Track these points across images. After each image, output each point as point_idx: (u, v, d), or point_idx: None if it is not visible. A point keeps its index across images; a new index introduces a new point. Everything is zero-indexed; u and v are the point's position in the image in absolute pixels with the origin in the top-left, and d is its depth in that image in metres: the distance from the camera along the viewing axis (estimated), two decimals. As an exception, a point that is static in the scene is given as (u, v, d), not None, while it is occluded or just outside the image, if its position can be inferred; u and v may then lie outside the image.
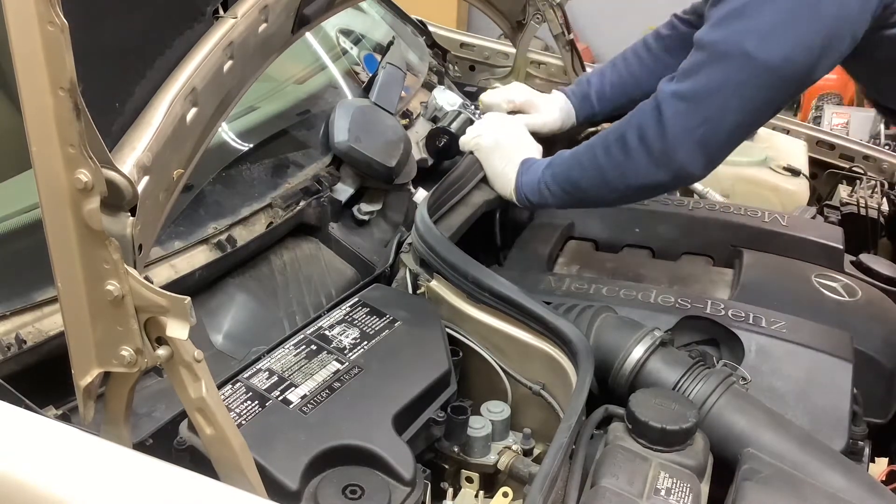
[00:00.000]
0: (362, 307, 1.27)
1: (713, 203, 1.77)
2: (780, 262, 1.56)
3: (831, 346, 1.26)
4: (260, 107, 1.71)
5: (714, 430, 1.09)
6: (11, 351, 1.06)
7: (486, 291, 1.23)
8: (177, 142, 1.03)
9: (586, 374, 1.09)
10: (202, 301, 1.37)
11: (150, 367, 0.81)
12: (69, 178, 0.74)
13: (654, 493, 0.95)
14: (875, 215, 1.91)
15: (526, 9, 2.16)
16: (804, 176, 2.00)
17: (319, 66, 1.92)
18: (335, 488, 0.95)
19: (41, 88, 0.71)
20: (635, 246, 1.68)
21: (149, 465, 0.86)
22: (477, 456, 1.16)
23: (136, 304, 0.78)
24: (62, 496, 0.83)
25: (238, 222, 1.46)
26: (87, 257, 0.77)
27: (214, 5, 1.14)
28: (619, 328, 1.23)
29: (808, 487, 1.00)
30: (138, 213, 0.82)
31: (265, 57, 1.31)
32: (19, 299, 1.11)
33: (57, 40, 0.69)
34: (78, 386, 0.83)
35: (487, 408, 1.21)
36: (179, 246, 1.34)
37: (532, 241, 1.64)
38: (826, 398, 1.20)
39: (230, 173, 1.53)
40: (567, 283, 1.40)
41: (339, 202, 1.62)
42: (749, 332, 1.28)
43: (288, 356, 1.14)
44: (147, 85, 1.01)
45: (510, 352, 1.23)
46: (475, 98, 2.17)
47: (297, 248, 1.57)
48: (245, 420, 1.01)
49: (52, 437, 0.89)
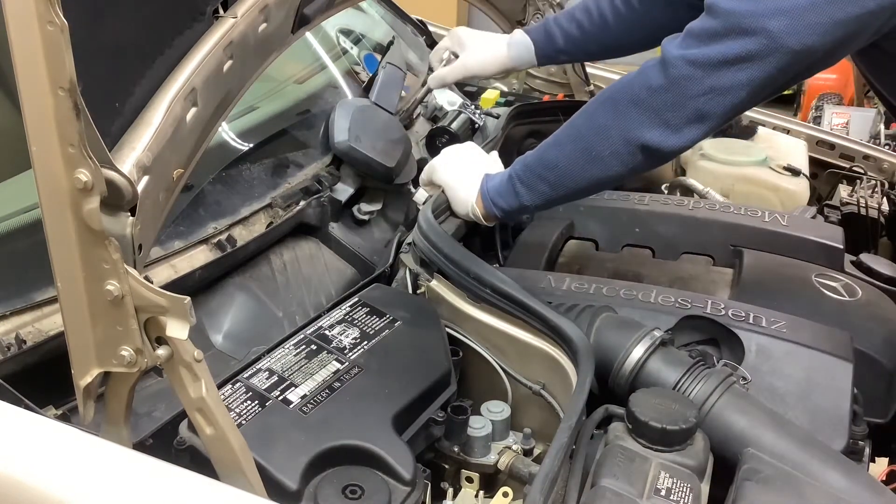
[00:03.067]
0: (362, 307, 1.27)
1: (713, 203, 1.77)
2: (781, 261, 1.55)
3: (831, 346, 1.26)
4: (260, 107, 1.71)
5: (714, 430, 1.09)
6: (11, 351, 1.06)
7: (487, 288, 1.22)
8: (177, 142, 1.03)
9: (586, 374, 1.09)
10: (202, 301, 1.37)
11: (150, 367, 0.81)
12: (69, 178, 0.74)
13: (654, 493, 0.95)
14: (875, 215, 1.91)
15: (526, 8, 2.16)
16: (804, 176, 2.00)
17: (319, 66, 1.92)
18: (335, 488, 0.95)
19: (41, 88, 0.71)
20: (635, 246, 1.67)
21: (149, 465, 0.86)
22: (477, 456, 1.16)
23: (135, 304, 0.78)
24: (62, 496, 0.83)
25: (238, 222, 1.46)
26: (87, 257, 0.77)
27: (214, 5, 1.14)
28: (619, 328, 1.23)
29: (809, 487, 1.00)
30: (138, 213, 0.82)
31: (265, 57, 1.31)
32: (19, 299, 1.11)
33: (57, 40, 0.69)
34: (78, 386, 0.83)
35: (487, 408, 1.21)
36: (179, 246, 1.34)
37: (532, 241, 1.64)
38: (826, 398, 1.20)
39: (230, 173, 1.53)
40: (567, 283, 1.40)
41: (339, 202, 1.62)
42: (749, 331, 1.27)
43: (288, 356, 1.14)
44: (147, 85, 1.01)
45: (510, 352, 1.23)
46: (475, 98, 2.18)
47: (297, 248, 1.57)
48: (245, 420, 1.01)
49: (52, 437, 0.89)
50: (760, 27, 1.11)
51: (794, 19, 1.10)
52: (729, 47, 1.14)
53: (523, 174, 1.32)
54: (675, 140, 1.20)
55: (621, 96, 1.23)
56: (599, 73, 2.33)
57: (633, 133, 1.21)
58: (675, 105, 1.18)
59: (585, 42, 1.64)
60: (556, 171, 1.29)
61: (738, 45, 1.13)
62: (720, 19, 1.14)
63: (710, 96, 1.17)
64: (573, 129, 1.29)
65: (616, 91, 1.25)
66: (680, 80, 1.17)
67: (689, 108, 1.18)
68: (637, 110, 1.20)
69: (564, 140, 1.30)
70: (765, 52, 1.12)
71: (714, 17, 1.15)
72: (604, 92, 1.28)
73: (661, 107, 1.19)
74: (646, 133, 1.20)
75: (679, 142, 1.21)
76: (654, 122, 1.20)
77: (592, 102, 1.29)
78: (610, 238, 1.68)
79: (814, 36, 1.11)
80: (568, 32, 1.63)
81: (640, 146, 1.21)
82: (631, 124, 1.21)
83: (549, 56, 1.68)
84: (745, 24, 1.12)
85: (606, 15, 1.60)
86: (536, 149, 1.34)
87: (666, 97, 1.18)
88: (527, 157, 1.34)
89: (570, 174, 1.28)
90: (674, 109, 1.18)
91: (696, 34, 1.17)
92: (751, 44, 1.12)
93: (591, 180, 1.29)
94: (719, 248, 1.62)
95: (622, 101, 1.23)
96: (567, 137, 1.29)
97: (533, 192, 1.31)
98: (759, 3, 1.11)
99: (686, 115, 1.18)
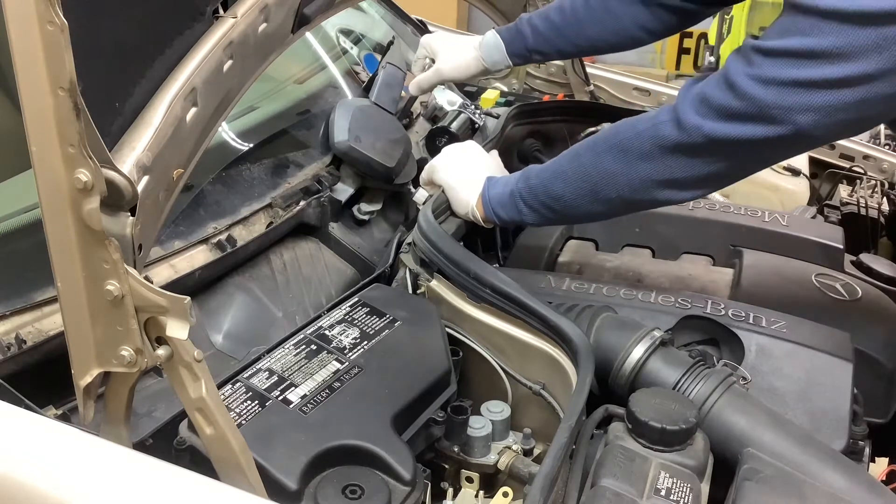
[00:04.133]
0: (362, 307, 1.27)
1: (713, 203, 1.77)
2: (780, 261, 1.55)
3: (831, 346, 1.26)
4: (260, 107, 1.71)
5: (714, 430, 1.09)
6: (11, 351, 1.06)
7: (487, 288, 1.23)
8: (177, 142, 1.03)
9: (586, 374, 1.09)
10: (202, 301, 1.37)
11: (150, 367, 0.81)
12: (69, 178, 0.74)
13: (654, 493, 0.95)
14: (875, 215, 1.91)
15: (526, 8, 2.16)
16: (804, 176, 2.00)
17: (319, 66, 1.92)
18: (335, 488, 0.95)
19: (41, 88, 0.71)
20: (635, 246, 1.67)
21: (149, 464, 0.86)
22: (477, 456, 1.16)
23: (135, 304, 0.78)
24: (62, 496, 0.83)
25: (238, 222, 1.46)
26: (87, 257, 0.77)
27: (214, 5, 1.14)
28: (619, 328, 1.23)
29: (809, 487, 1.00)
30: (138, 212, 0.82)
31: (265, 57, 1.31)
32: (19, 299, 1.11)
33: (57, 40, 0.69)
34: (78, 386, 0.83)
35: (487, 408, 1.21)
36: (179, 246, 1.34)
37: (532, 241, 1.64)
38: (826, 398, 1.20)
39: (230, 173, 1.53)
40: (567, 283, 1.40)
41: (339, 202, 1.62)
42: (749, 331, 1.27)
43: (288, 356, 1.14)
44: (147, 85, 1.01)
45: (510, 351, 1.23)
46: (475, 98, 2.18)
47: (297, 248, 1.57)
48: (245, 420, 1.01)
49: (52, 437, 0.89)
50: (790, 120, 1.06)
51: (824, 117, 1.05)
52: (753, 131, 1.09)
53: (528, 197, 1.32)
54: (684, 196, 1.23)
55: (631, 146, 1.20)
56: (599, 73, 2.33)
57: (642, 185, 1.21)
58: (687, 167, 1.17)
59: (558, 40, 1.61)
60: (560, 203, 1.29)
61: (763, 130, 1.09)
62: (744, 103, 1.08)
63: (724, 164, 1.16)
64: (580, 167, 1.27)
65: (626, 139, 1.21)
66: (695, 148, 1.15)
67: (702, 171, 1.17)
68: (647, 165, 1.19)
69: (571, 176, 1.27)
70: (790, 139, 1.09)
71: (737, 98, 1.09)
72: (613, 133, 1.25)
73: (672, 167, 1.18)
74: (654, 189, 1.21)
75: (687, 197, 1.24)
76: (663, 180, 1.19)
77: (601, 142, 1.26)
78: (610, 238, 1.68)
79: (840, 132, 1.11)
80: (539, 31, 1.61)
81: (648, 199, 1.23)
82: (640, 177, 1.21)
83: (521, 55, 1.65)
84: (773, 115, 1.07)
85: (580, 12, 1.58)
86: (541, 170, 1.32)
87: (678, 160, 1.17)
88: (530, 177, 1.32)
89: (575, 207, 1.29)
90: (685, 171, 1.17)
91: (716, 108, 1.11)
92: (776, 131, 1.08)
93: (595, 215, 1.32)
94: (719, 248, 1.63)
95: (632, 153, 1.20)
96: (573, 173, 1.27)
97: (535, 214, 1.33)
98: (787, 96, 1.05)
99: (697, 177, 1.18)
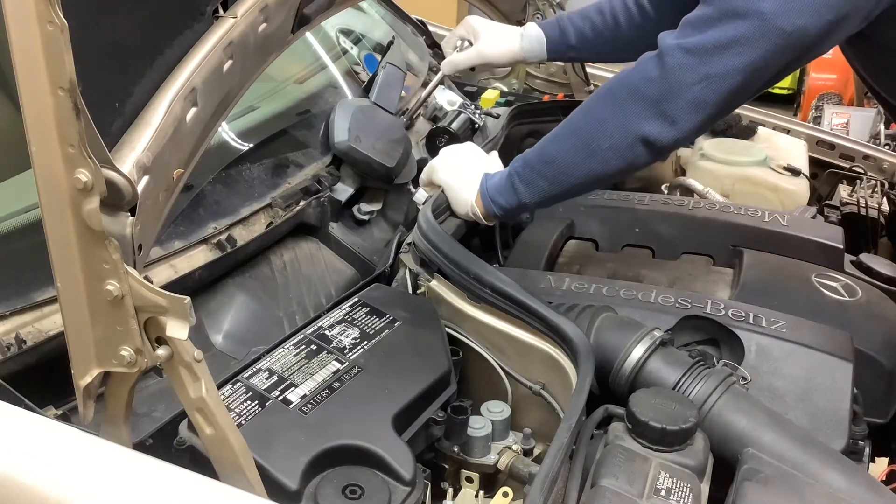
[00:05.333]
0: (362, 307, 1.27)
1: (713, 203, 1.77)
2: (780, 261, 1.56)
3: (831, 346, 1.26)
4: (260, 107, 1.71)
5: (714, 430, 1.09)
6: (11, 351, 1.06)
7: (487, 288, 1.23)
8: (177, 142, 1.03)
9: (586, 374, 1.09)
10: (202, 301, 1.37)
11: (150, 367, 0.81)
12: (69, 178, 0.74)
13: (654, 493, 0.95)
14: (875, 215, 1.91)
15: (526, 8, 2.16)
16: (804, 176, 2.00)
17: (319, 66, 1.92)
18: (335, 488, 0.95)
19: (41, 88, 0.71)
20: (635, 246, 1.67)
21: (149, 465, 0.86)
22: (477, 456, 1.16)
23: (135, 304, 0.78)
24: (62, 496, 0.83)
25: (238, 222, 1.46)
26: (87, 257, 0.77)
27: (214, 5, 1.14)
28: (619, 328, 1.23)
29: (809, 487, 1.00)
30: (138, 213, 0.82)
31: (265, 57, 1.31)
32: (19, 299, 1.11)
33: (56, 40, 0.69)
34: (78, 386, 0.83)
35: (487, 408, 1.21)
36: (179, 246, 1.34)
37: (532, 240, 1.64)
38: (826, 398, 1.20)
39: (230, 173, 1.53)
40: (567, 283, 1.40)
41: (339, 202, 1.62)
42: (749, 331, 1.27)
43: (288, 356, 1.14)
44: (147, 85, 1.01)
45: (510, 352, 1.23)
46: (475, 98, 2.18)
47: (297, 248, 1.57)
48: (245, 420, 1.01)
49: (52, 437, 0.89)
50: (754, 9, 1.13)
51: (787, 1, 1.11)
52: (723, 32, 1.15)
53: (522, 171, 1.33)
54: (674, 131, 1.21)
55: (619, 89, 1.24)
56: (599, 73, 2.33)
57: (632, 125, 1.22)
58: (672, 94, 1.19)
59: (596, 42, 1.66)
60: (554, 167, 1.29)
61: (732, 28, 1.14)
62: (714, 6, 1.16)
63: (705, 84, 1.18)
64: (572, 124, 1.30)
65: (614, 84, 1.26)
66: (676, 69, 1.18)
67: (686, 97, 1.19)
68: (635, 102, 1.21)
69: (563, 135, 1.31)
70: (758, 33, 1.13)
71: (708, 4, 1.17)
72: (603, 86, 1.29)
73: (658, 97, 1.19)
74: (644, 125, 1.21)
75: (677, 133, 1.21)
76: (651, 114, 1.20)
77: (592, 97, 1.30)
78: (610, 238, 1.68)
79: (805, 17, 1.12)
80: (580, 31, 1.65)
81: (638, 138, 1.22)
82: (629, 116, 1.22)
83: (560, 52, 1.70)
84: (738, 7, 1.14)
85: (619, 18, 1.63)
86: (536, 145, 1.34)
87: (663, 87, 1.19)
88: (526, 154, 1.35)
89: (569, 169, 1.29)
90: (671, 99, 1.19)
91: (692, 23, 1.19)
92: (744, 26, 1.14)
93: (589, 175, 1.29)
94: (719, 248, 1.63)
95: (620, 94, 1.24)
96: (566, 132, 1.31)
97: (531, 189, 1.32)
98: None
99: (683, 105, 1.19)
